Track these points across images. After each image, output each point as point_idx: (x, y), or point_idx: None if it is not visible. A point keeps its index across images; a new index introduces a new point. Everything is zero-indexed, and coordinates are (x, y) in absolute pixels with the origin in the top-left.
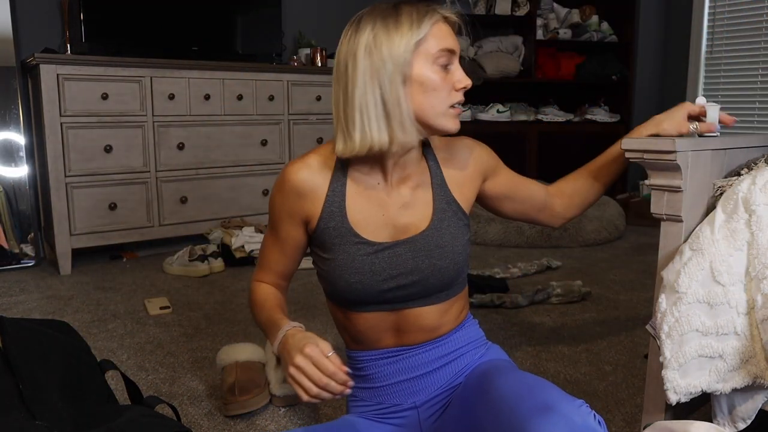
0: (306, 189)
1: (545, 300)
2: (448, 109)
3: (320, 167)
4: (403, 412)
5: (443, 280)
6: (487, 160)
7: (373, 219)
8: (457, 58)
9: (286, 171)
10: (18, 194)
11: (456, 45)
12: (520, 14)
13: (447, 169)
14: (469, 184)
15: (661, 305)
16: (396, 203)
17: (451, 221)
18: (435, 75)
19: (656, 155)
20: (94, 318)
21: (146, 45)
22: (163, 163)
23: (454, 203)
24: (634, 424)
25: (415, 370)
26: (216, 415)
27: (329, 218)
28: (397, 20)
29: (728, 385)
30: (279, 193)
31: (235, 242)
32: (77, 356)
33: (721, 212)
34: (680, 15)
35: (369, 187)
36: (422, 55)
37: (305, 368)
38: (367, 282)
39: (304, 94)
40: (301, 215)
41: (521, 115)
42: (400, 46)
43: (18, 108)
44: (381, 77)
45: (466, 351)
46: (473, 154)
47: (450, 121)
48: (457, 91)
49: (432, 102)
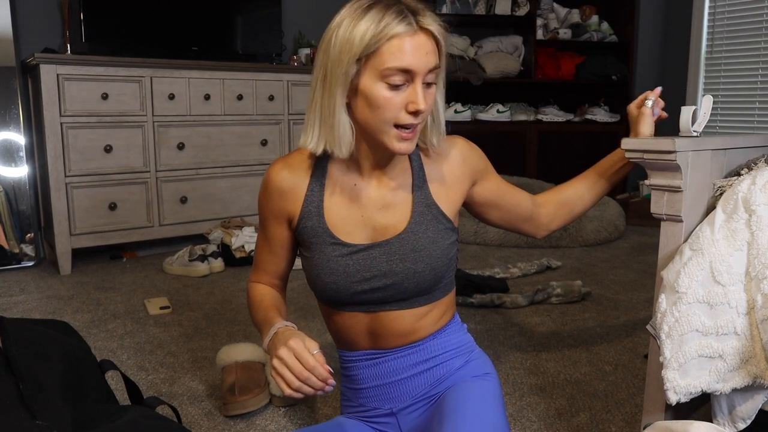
0: (286, 188)
1: (545, 300)
2: (392, 129)
3: (302, 166)
4: (383, 417)
5: (420, 285)
6: (477, 162)
7: (350, 219)
8: (418, 77)
9: (268, 171)
10: (18, 194)
11: (418, 63)
12: (520, 14)
13: (432, 171)
14: (456, 186)
15: (661, 305)
16: (374, 204)
17: (430, 225)
18: (379, 92)
19: (656, 155)
20: (94, 318)
21: (146, 45)
22: (163, 163)
23: (435, 206)
24: (634, 424)
25: (390, 375)
26: (216, 415)
27: (307, 218)
28: (356, 25)
29: (728, 385)
30: (263, 193)
31: (235, 242)
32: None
33: (721, 212)
34: (680, 15)
35: (347, 186)
36: (371, 69)
37: (287, 360)
38: (341, 283)
39: (304, 94)
40: (284, 214)
41: (521, 115)
42: (348, 55)
43: (18, 108)
44: (325, 80)
45: (445, 359)
46: (463, 155)
47: (392, 142)
48: (409, 114)
49: (375, 119)
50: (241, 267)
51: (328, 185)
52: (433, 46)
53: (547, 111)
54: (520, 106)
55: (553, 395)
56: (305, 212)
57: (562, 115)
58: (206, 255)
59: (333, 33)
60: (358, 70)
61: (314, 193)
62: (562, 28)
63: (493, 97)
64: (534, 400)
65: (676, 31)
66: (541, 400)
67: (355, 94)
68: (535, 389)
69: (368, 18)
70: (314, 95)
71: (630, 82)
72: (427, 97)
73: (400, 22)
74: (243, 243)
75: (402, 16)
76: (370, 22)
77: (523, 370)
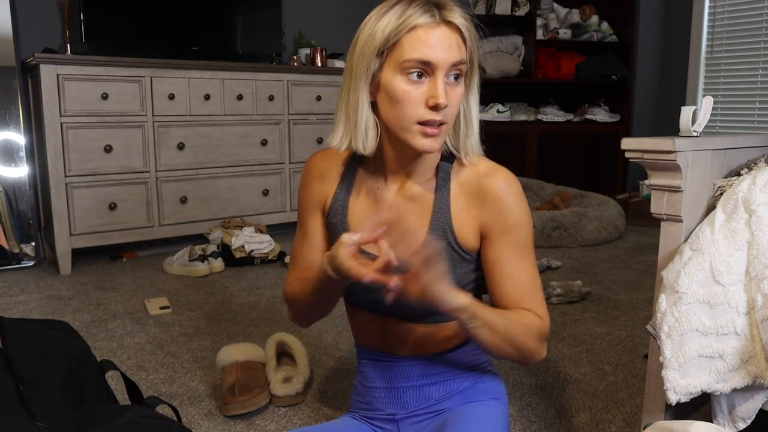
0: (325, 171)
1: (545, 300)
2: (414, 126)
3: (337, 162)
4: (385, 422)
5: (421, 310)
6: (493, 218)
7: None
8: (439, 71)
9: (309, 160)
10: (18, 194)
11: (439, 56)
12: (520, 14)
13: (459, 195)
14: (471, 224)
15: (661, 305)
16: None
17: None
18: (400, 86)
19: (656, 155)
20: (94, 318)
21: (146, 45)
22: (163, 163)
23: (451, 234)
24: (634, 424)
25: (396, 380)
26: (216, 415)
27: (333, 214)
28: (380, 19)
29: (728, 385)
30: (303, 183)
31: (235, 242)
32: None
33: (721, 212)
34: (680, 15)
35: (371, 189)
36: (392, 62)
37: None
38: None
39: (304, 94)
40: (320, 201)
41: (521, 115)
42: (370, 48)
43: (18, 108)
44: (351, 77)
45: (453, 376)
46: (488, 200)
47: (416, 139)
48: (430, 109)
49: (396, 114)
50: (241, 267)
51: (355, 186)
52: (457, 40)
53: (547, 111)
54: (520, 106)
55: (553, 395)
56: (333, 208)
57: (562, 115)
58: (206, 255)
59: (360, 30)
60: (381, 64)
61: (342, 191)
62: (562, 28)
63: (493, 97)
64: (534, 400)
65: (676, 31)
66: (541, 400)
67: (379, 90)
68: (535, 389)
69: (392, 12)
70: (342, 93)
71: (630, 82)
72: (450, 93)
73: (422, 14)
74: (243, 243)
75: (425, 9)
76: (393, 15)
77: (523, 370)
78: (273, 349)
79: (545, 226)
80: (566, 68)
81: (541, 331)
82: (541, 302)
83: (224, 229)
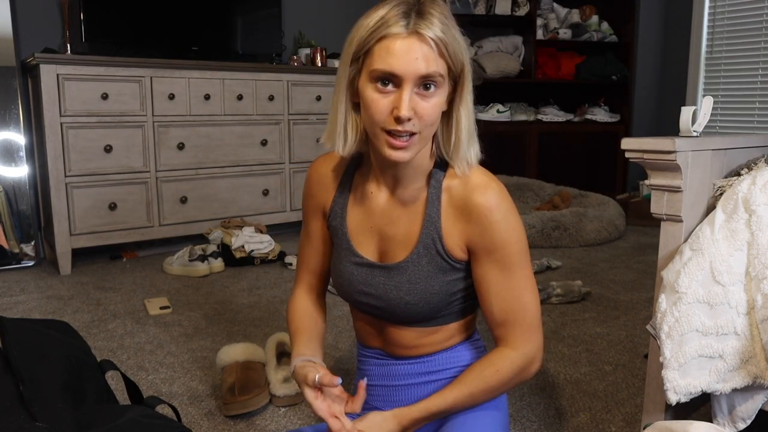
0: (325, 176)
1: (545, 300)
2: (381, 134)
3: (338, 165)
4: None
5: (412, 315)
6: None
7: (363, 228)
8: (406, 83)
9: (311, 165)
10: (18, 194)
11: (406, 68)
12: (520, 14)
13: (448, 207)
14: (458, 237)
15: (661, 305)
16: (382, 215)
17: (433, 259)
18: (369, 94)
19: (656, 155)
20: (94, 318)
21: (146, 45)
22: (163, 163)
23: (440, 242)
24: (634, 424)
25: (395, 378)
26: (216, 415)
27: (333, 217)
28: (362, 23)
29: (728, 385)
30: (306, 187)
31: (235, 242)
32: (77, 356)
33: (721, 212)
34: (680, 15)
35: (365, 194)
36: (365, 68)
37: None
38: (346, 287)
39: (304, 94)
40: (321, 205)
41: (521, 115)
42: (347, 54)
43: (18, 108)
44: (337, 79)
45: (452, 374)
46: (473, 217)
47: (384, 148)
48: (395, 119)
49: (367, 121)
50: (241, 267)
51: (352, 191)
52: (429, 52)
53: (547, 111)
54: (520, 106)
55: (553, 395)
56: (333, 212)
57: (562, 115)
58: (206, 255)
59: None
60: (359, 69)
61: (341, 195)
62: (562, 28)
63: (493, 97)
64: (534, 400)
65: (676, 31)
66: (541, 400)
67: (358, 95)
68: (535, 389)
69: (372, 17)
70: (332, 95)
71: (630, 82)
72: (421, 104)
73: (396, 23)
74: (243, 243)
75: (402, 16)
76: (372, 20)
77: None
78: (273, 349)
79: (545, 226)
80: (566, 68)
81: (515, 366)
82: (528, 324)
83: (224, 229)
